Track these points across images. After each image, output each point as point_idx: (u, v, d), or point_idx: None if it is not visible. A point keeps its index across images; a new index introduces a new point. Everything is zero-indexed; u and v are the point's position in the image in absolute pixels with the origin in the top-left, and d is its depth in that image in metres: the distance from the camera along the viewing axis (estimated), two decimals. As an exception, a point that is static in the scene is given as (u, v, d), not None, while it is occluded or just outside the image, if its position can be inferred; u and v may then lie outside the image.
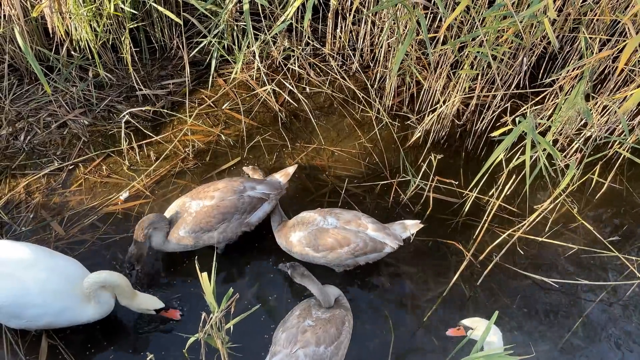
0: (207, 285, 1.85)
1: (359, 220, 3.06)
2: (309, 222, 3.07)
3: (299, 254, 3.08)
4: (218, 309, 1.85)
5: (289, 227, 3.11)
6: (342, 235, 2.99)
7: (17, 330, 2.86)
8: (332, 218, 3.07)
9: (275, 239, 3.19)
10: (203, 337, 1.95)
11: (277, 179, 3.35)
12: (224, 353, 2.07)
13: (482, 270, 3.28)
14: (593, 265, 3.43)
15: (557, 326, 3.16)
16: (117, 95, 4.06)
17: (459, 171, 3.84)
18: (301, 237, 3.03)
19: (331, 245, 3.00)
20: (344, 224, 3.04)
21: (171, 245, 3.08)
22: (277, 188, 3.28)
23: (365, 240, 3.01)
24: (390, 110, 4.12)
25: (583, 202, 3.74)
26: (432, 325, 3.11)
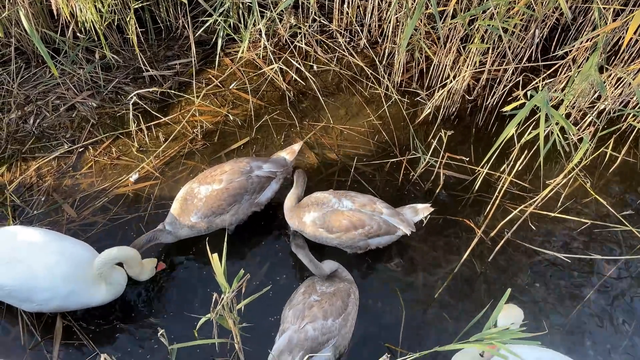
0: (217, 266, 1.85)
1: (374, 204, 3.05)
2: (324, 202, 3.06)
3: (312, 234, 3.07)
4: (229, 290, 1.86)
5: (303, 207, 3.09)
6: (357, 217, 2.98)
7: (32, 313, 2.90)
8: (348, 201, 3.05)
9: (287, 218, 3.18)
10: (215, 318, 1.96)
11: (283, 156, 3.33)
12: (236, 333, 2.09)
13: (493, 246, 3.27)
14: (605, 240, 3.40)
15: (569, 301, 3.14)
16: (124, 76, 4.04)
17: (469, 147, 3.80)
18: (315, 217, 3.02)
19: (345, 226, 2.99)
20: (359, 207, 3.03)
21: (184, 232, 3.09)
22: (283, 165, 3.27)
23: (379, 222, 3.00)
24: (399, 87, 4.07)
25: (596, 176, 3.69)
26: (444, 302, 3.11)
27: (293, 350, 2.58)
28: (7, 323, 2.92)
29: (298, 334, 2.60)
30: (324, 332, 2.63)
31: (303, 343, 2.59)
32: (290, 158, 3.32)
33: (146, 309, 3.02)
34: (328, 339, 2.67)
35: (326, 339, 2.66)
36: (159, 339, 2.83)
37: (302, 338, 2.60)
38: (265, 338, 2.84)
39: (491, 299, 3.12)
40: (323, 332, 2.62)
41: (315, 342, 2.61)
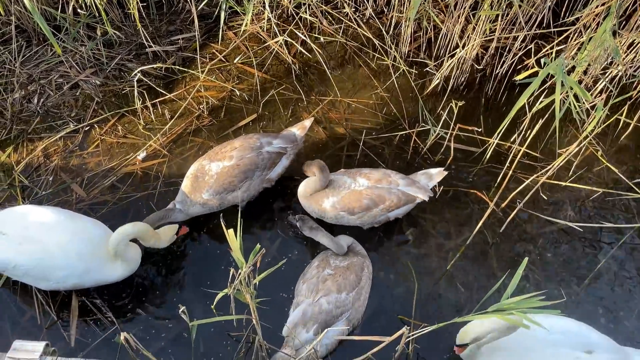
0: (233, 242, 1.84)
1: (389, 177, 3.03)
2: (340, 185, 3.03)
3: (334, 218, 3.06)
4: (246, 265, 1.85)
5: (320, 192, 3.05)
6: (376, 194, 2.96)
7: (47, 292, 2.91)
8: (362, 179, 3.02)
9: (304, 206, 3.15)
10: (232, 292, 1.96)
11: (293, 132, 3.29)
12: (253, 307, 2.09)
13: (505, 217, 3.26)
14: (617, 208, 3.38)
15: (581, 270, 3.14)
16: (127, 53, 3.98)
17: (478, 118, 3.75)
18: (335, 202, 2.99)
19: (367, 205, 2.97)
20: (375, 183, 3.00)
21: (196, 209, 3.07)
22: (293, 141, 3.24)
23: (398, 195, 2.99)
24: (406, 58, 4.00)
25: (607, 144, 3.66)
26: (456, 273, 3.12)
27: (307, 323, 2.59)
28: (22, 303, 2.93)
29: (312, 307, 2.62)
30: (337, 305, 2.64)
31: (317, 316, 2.60)
32: (300, 134, 3.28)
33: (159, 286, 3.03)
34: (342, 312, 2.68)
35: (340, 312, 2.67)
36: (172, 316, 2.88)
37: (317, 311, 2.61)
38: (278, 312, 2.86)
39: (503, 270, 3.12)
40: (337, 305, 2.63)
41: (330, 315, 2.62)
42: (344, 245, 2.92)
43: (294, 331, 2.55)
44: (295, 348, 2.54)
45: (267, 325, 2.69)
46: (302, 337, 2.56)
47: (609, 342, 2.52)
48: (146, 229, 2.73)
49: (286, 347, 2.60)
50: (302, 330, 2.57)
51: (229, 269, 2.99)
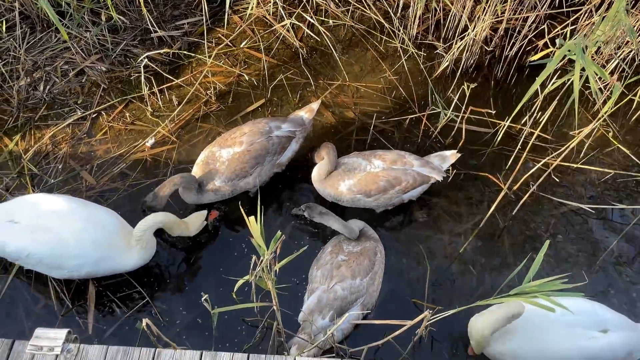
0: (255, 229, 1.83)
1: (404, 158, 3.03)
2: (355, 167, 3.02)
3: (350, 201, 3.06)
4: (267, 251, 1.85)
5: (334, 176, 3.05)
6: (392, 176, 2.97)
7: (61, 280, 2.91)
8: (378, 161, 3.02)
9: (319, 191, 3.14)
10: (254, 279, 1.96)
11: (301, 115, 3.27)
12: (274, 294, 2.09)
13: (516, 200, 3.25)
14: (629, 189, 3.38)
15: (593, 252, 3.15)
16: (132, 38, 3.93)
17: (488, 100, 3.73)
18: (351, 185, 2.99)
19: (383, 187, 2.98)
20: (390, 165, 3.00)
21: (208, 196, 3.06)
22: (302, 124, 3.22)
23: (414, 176, 3.00)
24: (414, 40, 3.96)
25: (618, 125, 3.64)
26: (468, 257, 3.12)
27: (323, 309, 2.60)
28: (36, 292, 2.93)
29: (327, 293, 2.62)
30: (352, 291, 2.64)
31: (332, 303, 2.60)
32: (309, 117, 3.26)
33: (172, 273, 3.02)
34: (357, 298, 2.68)
35: (355, 298, 2.67)
36: (187, 303, 2.89)
37: (332, 298, 2.61)
38: (290, 298, 2.84)
39: (516, 253, 3.13)
40: (352, 291, 2.64)
41: (345, 301, 2.63)
42: (355, 229, 2.92)
43: (310, 317, 2.55)
44: (312, 334, 2.55)
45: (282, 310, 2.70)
46: (318, 324, 2.56)
47: (624, 319, 2.54)
48: (173, 219, 2.73)
49: (302, 333, 2.61)
50: (317, 317, 2.58)
51: (243, 256, 3.05)
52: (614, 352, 2.43)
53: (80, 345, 1.94)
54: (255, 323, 2.83)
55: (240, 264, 3.03)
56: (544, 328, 2.43)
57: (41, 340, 1.91)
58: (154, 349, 2.00)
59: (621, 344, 2.43)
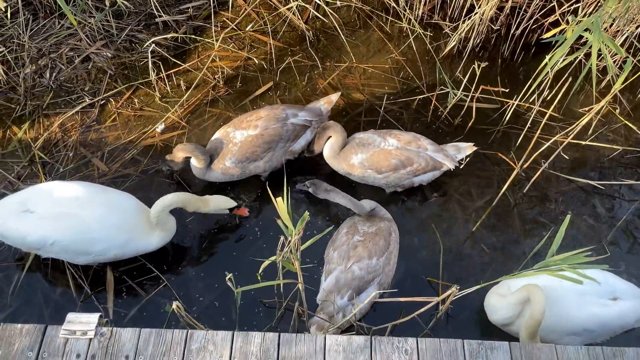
0: (283, 210, 1.85)
1: (419, 141, 3.05)
2: (369, 143, 3.04)
3: (360, 176, 3.08)
4: (295, 232, 1.87)
5: (348, 150, 3.07)
6: (405, 156, 2.99)
7: (78, 266, 2.93)
8: (393, 139, 3.04)
9: (332, 165, 3.16)
10: (281, 260, 1.98)
11: (319, 105, 3.28)
12: (300, 274, 2.12)
13: (526, 178, 3.28)
14: (637, 166, 3.41)
15: (604, 227, 3.19)
16: (137, 23, 3.90)
17: (495, 79, 3.73)
18: (363, 159, 3.01)
19: (395, 166, 3.00)
20: (405, 145, 3.02)
21: (216, 175, 3.08)
22: (319, 115, 3.22)
23: (427, 159, 3.03)
24: (420, 20, 3.95)
25: (624, 102, 3.66)
26: (481, 235, 3.15)
27: (341, 289, 2.63)
28: (53, 279, 2.94)
29: (345, 274, 2.65)
30: (369, 271, 2.67)
31: (350, 283, 2.64)
32: (327, 107, 3.26)
33: (188, 256, 3.05)
34: (373, 277, 2.72)
35: (372, 278, 2.71)
36: (204, 285, 2.91)
37: (350, 278, 2.64)
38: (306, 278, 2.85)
39: (528, 230, 3.17)
40: (369, 271, 2.67)
41: (362, 281, 2.66)
42: (364, 205, 2.93)
43: (330, 297, 2.59)
44: (331, 315, 2.58)
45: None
46: (338, 303, 2.60)
47: (634, 288, 2.59)
48: (189, 198, 2.76)
49: (320, 313, 2.65)
50: (336, 297, 2.61)
51: (257, 239, 3.08)
52: (625, 319, 2.49)
53: (113, 328, 1.97)
54: (272, 305, 2.86)
55: (254, 247, 3.05)
56: (557, 298, 2.47)
57: (74, 324, 1.93)
58: (185, 331, 2.03)
59: (632, 311, 2.49)
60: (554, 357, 2.06)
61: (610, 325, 2.49)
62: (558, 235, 1.94)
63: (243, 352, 2.00)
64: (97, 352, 1.93)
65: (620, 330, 2.53)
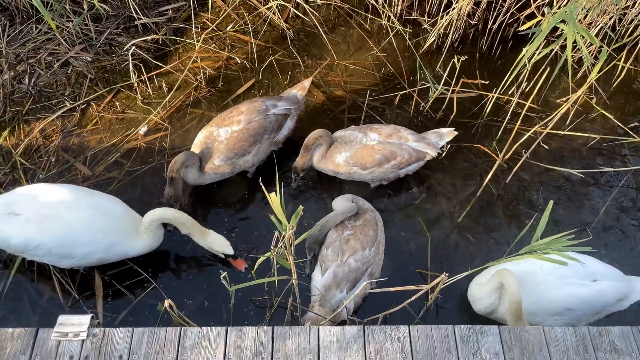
0: (276, 205, 1.85)
1: (400, 132, 3.08)
2: (351, 140, 3.06)
3: (347, 174, 3.10)
4: (289, 226, 1.88)
5: (332, 149, 3.09)
6: (388, 150, 3.02)
7: (65, 271, 2.90)
8: (374, 134, 3.07)
9: (318, 168, 3.17)
10: (276, 256, 1.99)
11: (294, 93, 3.30)
12: (294, 269, 2.13)
13: (508, 169, 3.34)
14: (615, 153, 3.50)
15: (586, 212, 3.26)
16: (116, 27, 3.87)
17: (474, 73, 3.80)
18: (347, 157, 3.04)
19: (379, 161, 3.03)
20: (386, 138, 3.05)
21: (209, 177, 3.07)
22: (296, 102, 3.25)
23: (409, 152, 3.06)
24: (399, 17, 3.99)
25: (600, 92, 3.75)
26: (467, 225, 3.20)
27: (340, 283, 2.65)
28: (40, 285, 2.90)
29: (342, 267, 2.67)
30: (364, 262, 2.71)
31: (348, 275, 2.66)
32: (302, 94, 3.29)
33: (176, 258, 3.03)
34: (367, 267, 2.75)
35: (366, 268, 2.74)
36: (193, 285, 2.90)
37: (347, 271, 2.67)
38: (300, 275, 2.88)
39: (511, 219, 3.23)
40: (363, 262, 2.70)
41: (358, 272, 2.69)
42: (350, 206, 2.93)
43: (328, 294, 2.60)
44: (331, 309, 2.59)
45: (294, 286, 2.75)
46: (337, 297, 2.62)
47: (614, 271, 2.66)
48: (184, 220, 2.68)
49: (315, 307, 2.66)
50: (336, 291, 2.63)
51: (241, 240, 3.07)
52: (604, 298, 2.54)
53: (105, 329, 1.96)
54: (263, 303, 2.86)
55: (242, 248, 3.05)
56: (538, 281, 2.52)
57: (66, 326, 1.91)
58: (179, 328, 2.02)
59: (611, 291, 2.54)
60: (542, 338, 2.10)
61: (591, 303, 2.54)
62: (542, 220, 1.98)
63: (238, 346, 2.00)
64: (90, 353, 1.91)
65: (601, 310, 2.59)
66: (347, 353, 2.02)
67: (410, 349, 2.04)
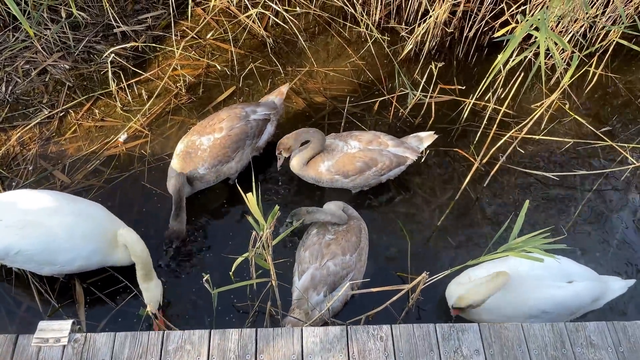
0: (253, 204, 1.87)
1: (379, 138, 3.11)
2: (332, 149, 3.08)
3: (329, 181, 3.12)
4: (267, 226, 1.89)
5: (315, 158, 3.10)
6: (369, 157, 3.04)
7: (44, 280, 2.86)
8: (354, 141, 3.09)
9: (301, 175, 3.18)
10: (253, 256, 2.00)
11: (272, 99, 3.34)
12: (273, 270, 2.14)
13: (485, 173, 3.41)
14: (589, 156, 3.60)
15: (561, 215, 3.34)
16: (94, 34, 3.86)
17: (451, 79, 3.87)
18: (329, 165, 3.06)
19: (360, 168, 3.05)
20: (367, 145, 3.08)
21: (197, 186, 3.09)
22: (274, 108, 3.29)
23: (390, 157, 3.09)
24: (378, 25, 4.06)
25: (573, 97, 3.86)
26: (446, 228, 3.25)
27: (317, 286, 2.66)
28: (17, 294, 2.86)
29: (320, 270, 2.68)
30: (344, 266, 2.72)
31: (326, 278, 2.67)
32: (280, 99, 3.33)
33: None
34: (347, 273, 2.76)
35: (345, 273, 2.75)
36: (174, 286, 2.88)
37: (325, 274, 2.68)
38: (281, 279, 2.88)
39: (489, 221, 3.29)
40: (343, 266, 2.72)
41: (337, 276, 2.70)
42: (342, 213, 2.96)
43: (305, 295, 2.61)
44: (307, 311, 2.60)
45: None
46: (313, 300, 2.63)
47: (589, 271, 2.71)
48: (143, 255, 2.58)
49: (295, 311, 2.67)
50: (312, 293, 2.64)
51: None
52: (580, 299, 2.60)
53: (87, 334, 1.94)
54: (244, 308, 2.86)
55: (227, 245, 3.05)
56: (514, 283, 2.57)
57: (46, 332, 1.89)
58: (162, 332, 2.01)
59: (586, 292, 2.60)
60: (520, 334, 2.15)
61: (566, 305, 2.59)
62: (519, 219, 2.03)
63: (221, 349, 2.00)
64: (71, 359, 1.89)
65: (577, 310, 2.65)
66: (330, 353, 2.03)
67: (393, 348, 2.07)
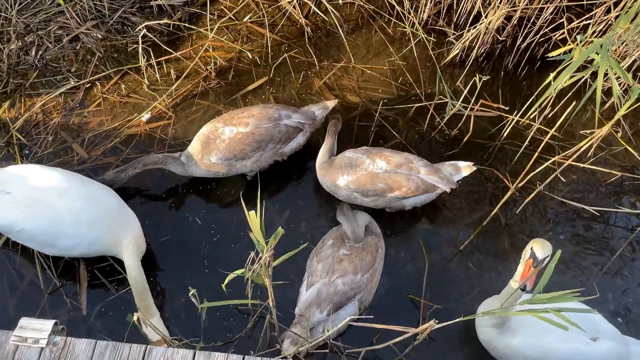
0: (255, 224, 1.73)
1: (411, 163, 2.87)
2: (357, 165, 2.88)
3: (346, 197, 2.94)
4: (267, 248, 1.75)
5: (336, 168, 2.92)
6: (392, 179, 2.83)
7: (48, 256, 2.81)
8: (382, 161, 2.87)
9: (318, 177, 3.02)
10: (250, 276, 1.87)
11: (313, 110, 3.15)
12: (270, 291, 2.01)
13: (520, 197, 3.18)
14: (635, 193, 3.31)
15: (596, 255, 3.09)
16: (130, 5, 3.75)
17: (496, 91, 3.61)
18: (349, 181, 2.87)
19: (382, 190, 2.84)
20: (395, 167, 2.86)
21: (200, 171, 2.96)
22: (312, 119, 3.10)
23: (417, 183, 2.84)
24: (425, 25, 3.81)
25: (627, 126, 3.55)
26: (468, 253, 3.05)
27: (322, 304, 2.52)
28: (21, 268, 2.83)
29: (327, 287, 2.54)
30: (352, 287, 2.57)
31: (332, 297, 2.53)
32: (321, 113, 3.14)
33: (166, 260, 2.94)
34: (355, 294, 2.61)
35: (354, 294, 2.60)
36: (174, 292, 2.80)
37: (332, 292, 2.54)
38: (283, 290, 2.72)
39: (517, 252, 3.06)
40: (352, 287, 2.57)
41: (344, 296, 2.56)
42: (362, 233, 2.79)
43: (307, 311, 2.48)
44: (308, 328, 2.48)
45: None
46: (315, 317, 2.50)
47: (615, 331, 2.53)
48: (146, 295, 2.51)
49: (295, 327, 2.54)
50: (315, 311, 2.51)
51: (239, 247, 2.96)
52: None
53: (67, 338, 1.85)
54: (242, 320, 2.75)
55: (234, 255, 2.94)
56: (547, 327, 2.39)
57: (26, 331, 1.81)
58: (144, 346, 1.91)
59: (611, 355, 2.43)
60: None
61: None
62: (546, 272, 1.83)
63: (205, 370, 1.89)
64: (49, 361, 1.82)
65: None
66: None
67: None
